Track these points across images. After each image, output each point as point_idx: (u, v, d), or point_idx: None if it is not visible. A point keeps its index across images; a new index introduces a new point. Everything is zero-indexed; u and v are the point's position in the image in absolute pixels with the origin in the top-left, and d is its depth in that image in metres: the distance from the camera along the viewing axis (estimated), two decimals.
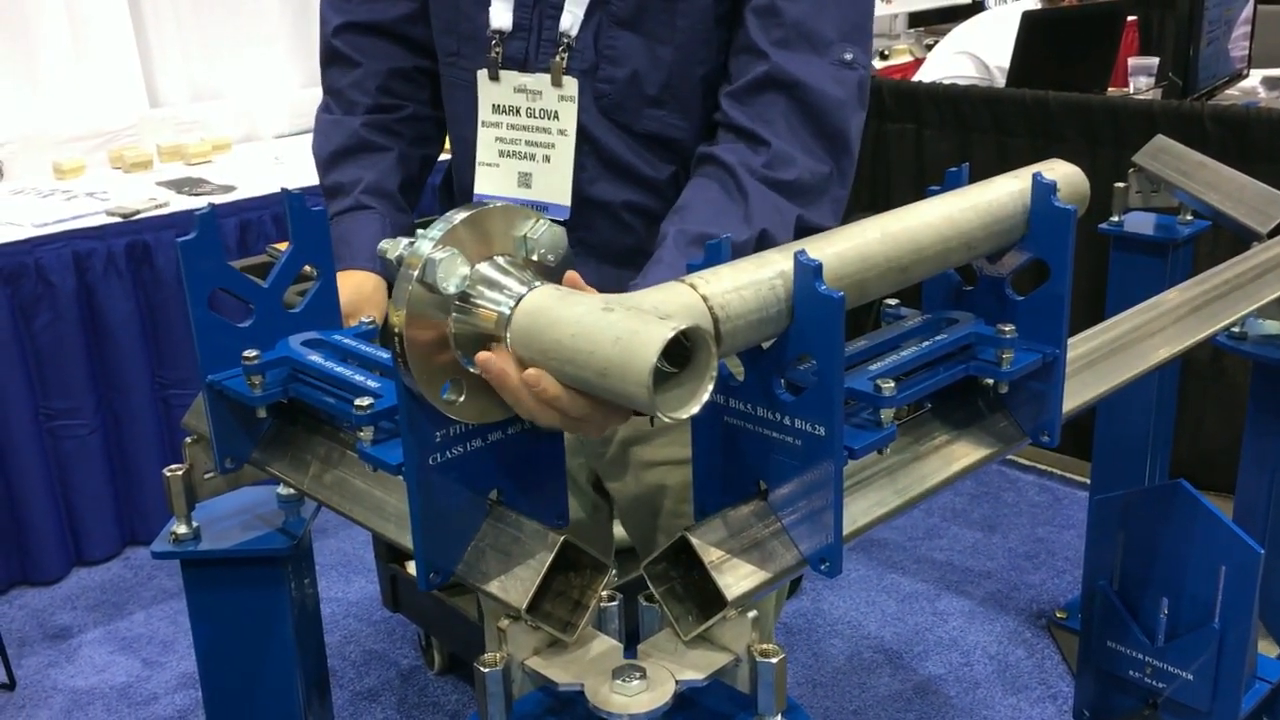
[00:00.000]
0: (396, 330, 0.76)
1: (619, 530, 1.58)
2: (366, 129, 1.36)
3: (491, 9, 1.23)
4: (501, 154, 1.26)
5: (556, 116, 1.23)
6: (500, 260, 0.80)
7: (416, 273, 0.75)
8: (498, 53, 1.24)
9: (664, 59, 1.21)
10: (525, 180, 1.26)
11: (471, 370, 0.79)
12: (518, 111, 1.24)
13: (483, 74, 1.25)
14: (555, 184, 1.25)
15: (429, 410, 0.79)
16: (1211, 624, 1.34)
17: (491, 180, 1.28)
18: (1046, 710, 2.34)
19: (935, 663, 2.49)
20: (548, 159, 1.24)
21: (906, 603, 2.70)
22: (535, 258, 0.83)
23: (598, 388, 0.70)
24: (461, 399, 0.79)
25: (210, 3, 3.68)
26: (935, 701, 2.37)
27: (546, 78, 1.22)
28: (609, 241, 1.27)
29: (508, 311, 0.76)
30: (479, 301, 0.77)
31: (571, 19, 1.21)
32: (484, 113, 1.26)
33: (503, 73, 1.24)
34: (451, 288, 0.76)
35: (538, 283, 0.77)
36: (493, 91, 1.25)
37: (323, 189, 1.37)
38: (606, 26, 1.20)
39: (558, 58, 1.21)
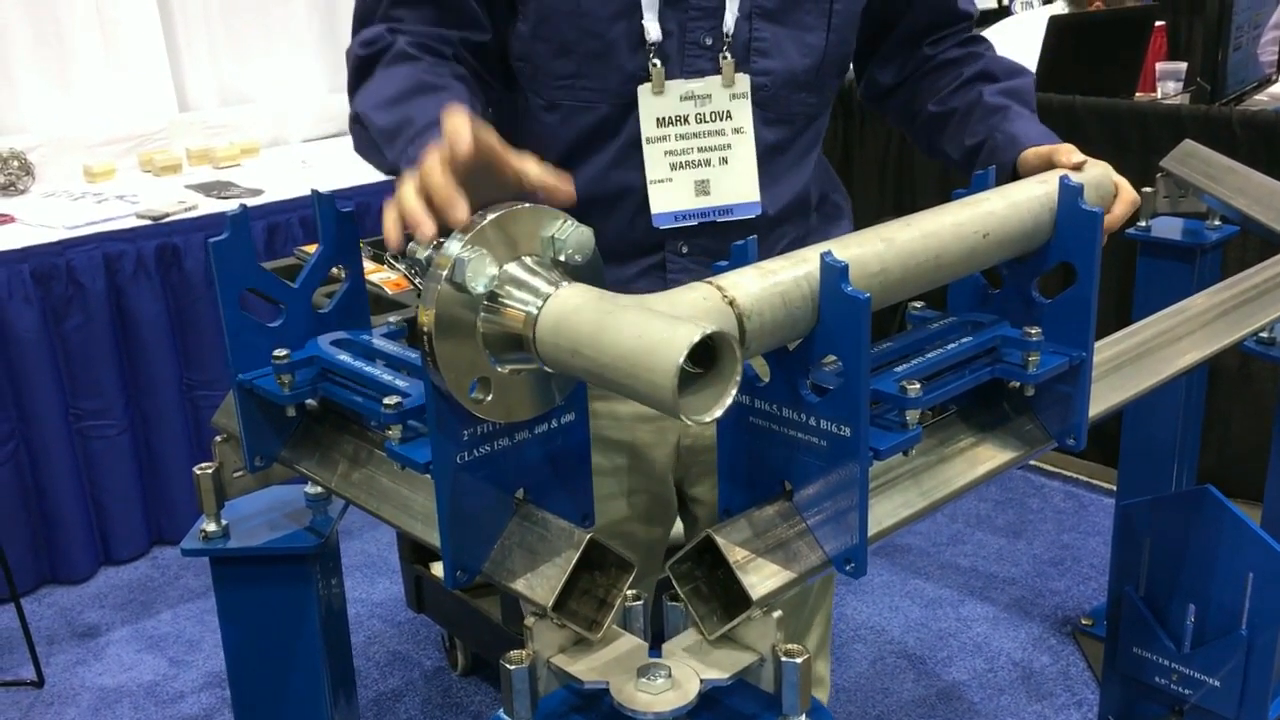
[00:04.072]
0: (425, 330, 0.76)
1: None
2: (425, 73, 1.16)
3: (646, 22, 1.20)
4: (674, 167, 1.23)
5: (730, 116, 1.22)
6: (528, 260, 0.81)
7: (445, 273, 0.76)
8: (656, 64, 1.21)
9: (816, 46, 1.26)
10: (703, 188, 1.24)
11: (499, 370, 0.80)
12: (686, 120, 1.22)
13: (645, 89, 1.21)
14: (738, 184, 1.25)
15: (457, 409, 0.80)
16: (1239, 631, 1.33)
17: (666, 195, 1.24)
18: (1071, 717, 2.32)
19: (959, 669, 2.48)
20: (725, 161, 1.23)
21: (930, 608, 2.69)
22: (563, 258, 0.83)
23: (625, 389, 0.71)
24: (489, 398, 0.80)
25: (239, 8, 3.71)
26: (959, 708, 2.36)
27: (715, 79, 1.22)
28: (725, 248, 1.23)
29: (535, 311, 0.76)
30: (507, 301, 0.78)
31: (732, 19, 1.21)
32: (647, 129, 1.22)
33: (669, 83, 1.21)
34: (480, 288, 0.77)
35: (565, 283, 0.78)
36: (657, 105, 1.22)
37: (381, 132, 1.12)
38: (755, 21, 1.22)
39: (722, 57, 1.21)
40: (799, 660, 0.79)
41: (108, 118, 3.45)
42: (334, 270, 1.08)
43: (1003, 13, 4.86)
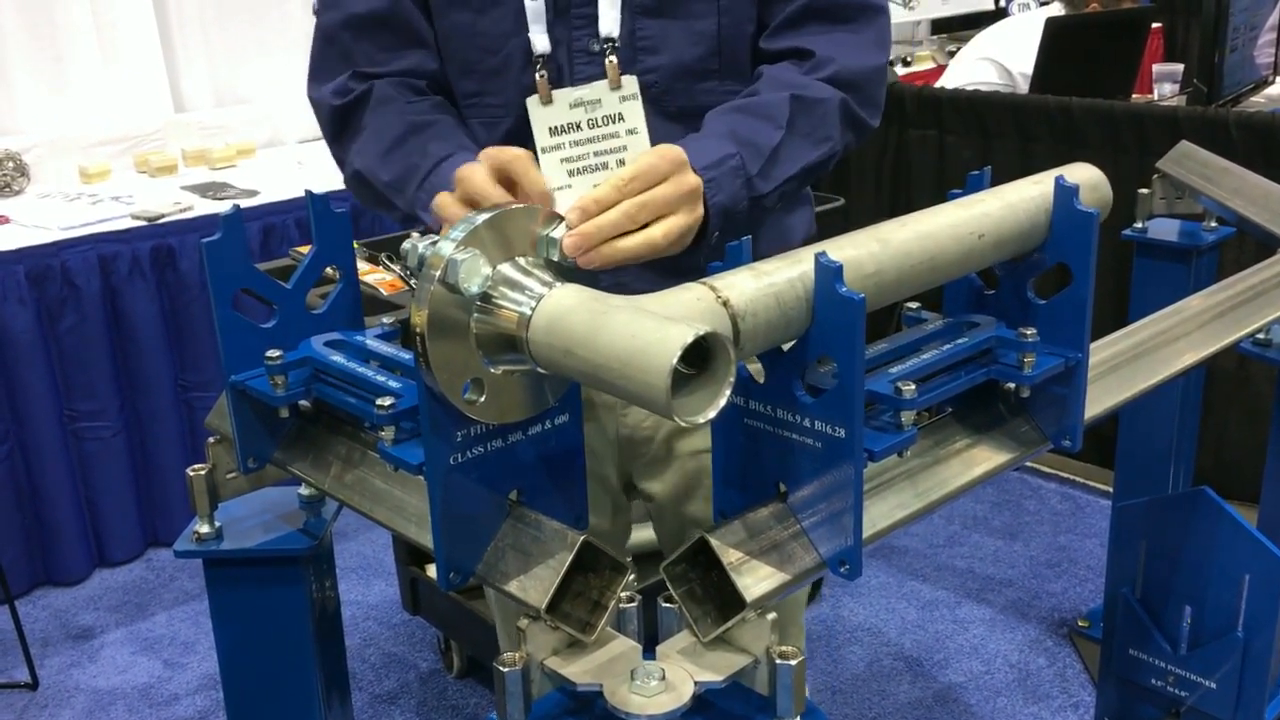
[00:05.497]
0: (418, 330, 0.76)
1: (636, 536, 1.58)
2: (411, 114, 1.24)
3: (532, 35, 1.22)
4: (571, 173, 1.24)
5: (622, 118, 1.22)
6: (521, 261, 0.80)
7: (438, 273, 0.76)
8: (542, 75, 1.22)
9: (707, 32, 1.23)
10: None
11: (493, 371, 0.80)
12: (578, 127, 1.22)
13: (533, 100, 1.22)
14: None
15: (450, 410, 0.79)
16: (1235, 633, 1.33)
17: (568, 202, 1.23)
18: (1068, 719, 2.32)
19: (955, 671, 2.48)
20: (622, 162, 1.23)
21: (927, 610, 2.69)
22: (556, 259, 0.83)
23: (618, 390, 0.71)
24: (482, 399, 0.80)
25: (234, 9, 3.71)
26: (955, 710, 2.36)
27: (601, 84, 1.22)
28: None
29: (529, 312, 0.76)
30: (500, 302, 0.77)
31: (611, 21, 1.21)
32: (541, 139, 1.23)
33: (555, 92, 1.22)
34: (473, 288, 0.76)
35: (558, 284, 0.78)
36: (547, 114, 1.23)
37: (389, 186, 1.22)
38: (636, 19, 1.22)
39: (608, 60, 1.21)
40: (793, 662, 0.78)
41: (103, 119, 3.44)
42: (328, 270, 1.08)
43: (999, 14, 4.87)
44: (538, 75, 1.22)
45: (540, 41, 1.22)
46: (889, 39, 1.30)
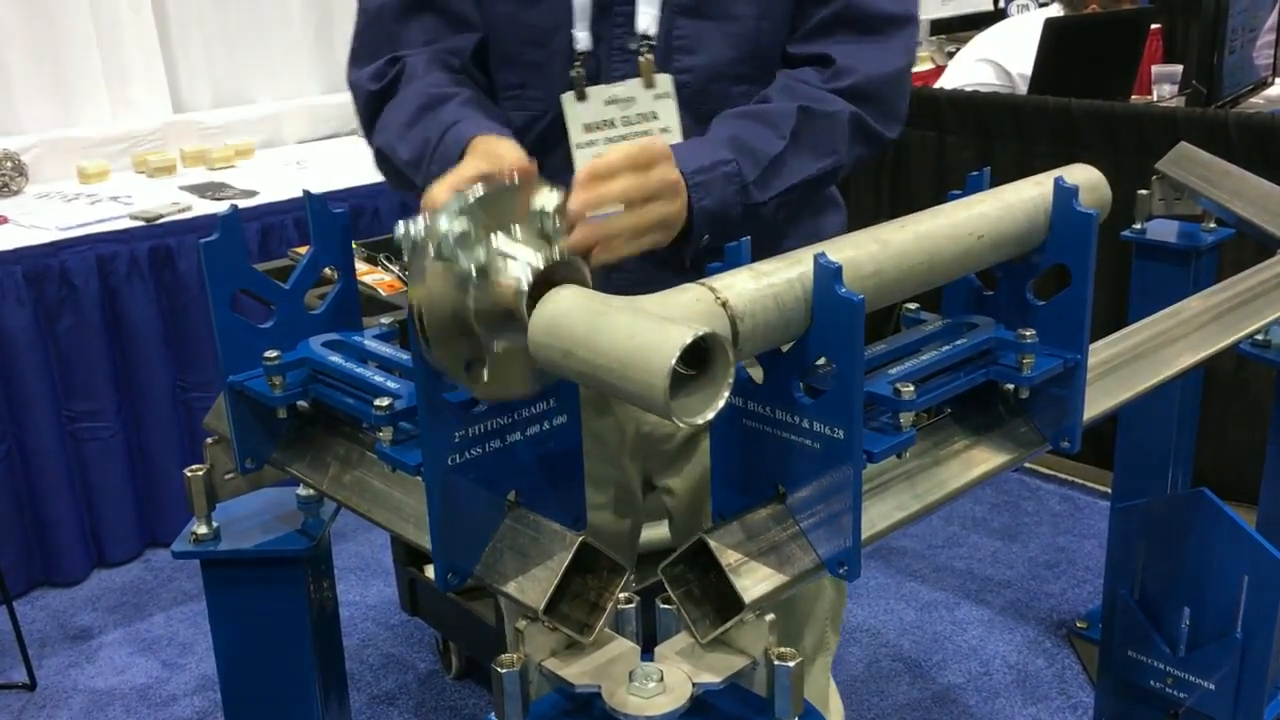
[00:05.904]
0: (417, 307, 0.76)
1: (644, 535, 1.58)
2: (432, 87, 1.23)
3: (576, 32, 1.22)
4: None
5: (655, 116, 1.22)
6: (516, 231, 0.80)
7: (434, 249, 0.75)
8: (579, 72, 1.22)
9: (744, 34, 1.23)
10: None
11: (493, 346, 0.79)
12: (612, 124, 1.23)
13: (568, 97, 1.22)
14: None
15: (448, 410, 0.79)
16: (1234, 634, 1.33)
17: None
18: None
19: (954, 672, 2.48)
20: None
21: (925, 611, 2.69)
22: (550, 229, 0.82)
23: (618, 390, 0.71)
24: (484, 375, 0.79)
25: (234, 10, 3.71)
26: (954, 711, 2.36)
27: (635, 82, 1.22)
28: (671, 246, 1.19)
29: (525, 286, 0.76)
30: (497, 275, 0.77)
31: (649, 19, 1.21)
32: (575, 135, 1.23)
33: (590, 89, 1.22)
34: (469, 262, 0.76)
35: (555, 254, 0.77)
36: (582, 111, 1.23)
37: (408, 164, 1.20)
38: (675, 18, 1.21)
39: (642, 58, 1.21)
40: (791, 664, 0.78)
41: (102, 119, 3.44)
42: (326, 271, 1.08)
43: (999, 15, 4.87)
44: (574, 72, 1.22)
45: (584, 39, 1.22)
46: (915, 47, 1.29)
